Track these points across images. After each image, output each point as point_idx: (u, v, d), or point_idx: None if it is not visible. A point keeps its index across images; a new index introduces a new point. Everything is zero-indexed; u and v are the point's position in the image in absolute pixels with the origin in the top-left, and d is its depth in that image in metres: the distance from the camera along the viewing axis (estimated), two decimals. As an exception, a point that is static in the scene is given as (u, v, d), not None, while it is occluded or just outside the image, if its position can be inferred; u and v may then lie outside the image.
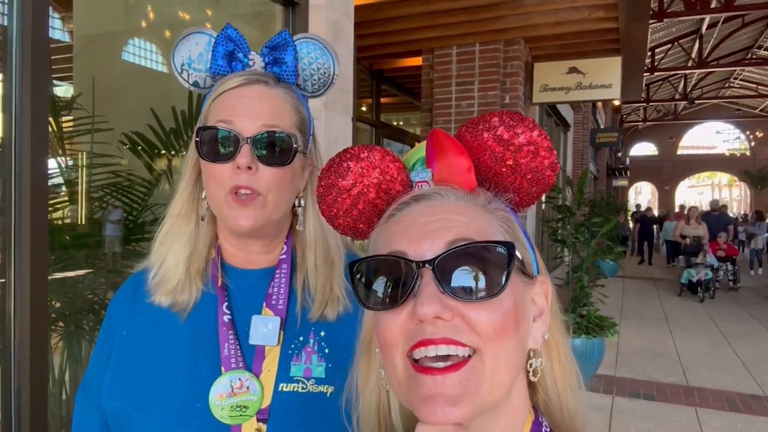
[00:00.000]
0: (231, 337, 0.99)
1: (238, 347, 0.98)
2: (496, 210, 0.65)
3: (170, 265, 1.03)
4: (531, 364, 0.66)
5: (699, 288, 11.44)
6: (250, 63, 1.03)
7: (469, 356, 0.57)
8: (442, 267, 0.57)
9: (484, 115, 0.68)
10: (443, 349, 0.57)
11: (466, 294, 0.58)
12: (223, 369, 0.97)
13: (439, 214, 0.61)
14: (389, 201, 0.69)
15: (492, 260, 0.58)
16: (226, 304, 1.01)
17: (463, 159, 0.66)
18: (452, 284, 0.57)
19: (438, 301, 0.56)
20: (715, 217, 14.10)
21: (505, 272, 0.59)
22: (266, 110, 0.98)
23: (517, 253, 0.61)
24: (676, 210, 26.26)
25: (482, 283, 0.58)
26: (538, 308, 0.67)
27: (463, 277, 0.58)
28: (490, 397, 0.58)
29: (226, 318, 1.00)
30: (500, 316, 0.58)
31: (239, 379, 0.96)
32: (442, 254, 0.57)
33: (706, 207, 22.63)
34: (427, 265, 0.58)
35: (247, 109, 0.97)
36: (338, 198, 0.71)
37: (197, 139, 0.98)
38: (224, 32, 1.02)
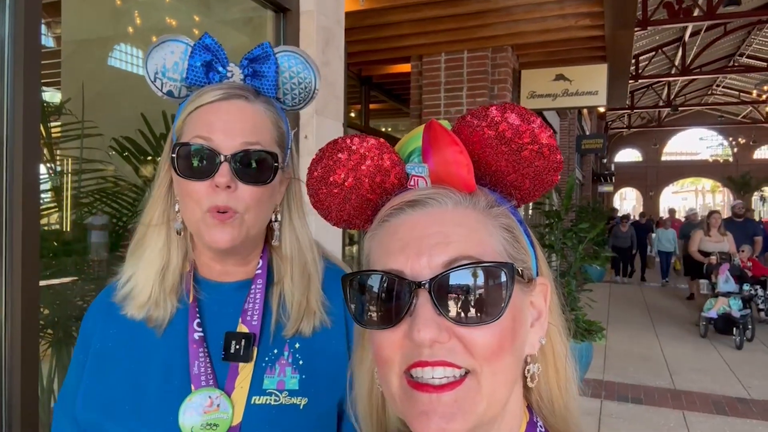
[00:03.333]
0: (201, 354, 0.97)
1: (209, 364, 0.97)
2: (498, 216, 0.62)
3: (140, 279, 1.01)
4: (528, 370, 0.64)
5: (736, 328, 7.89)
6: (229, 74, 1.00)
7: (465, 375, 0.56)
8: (439, 288, 0.55)
9: (483, 108, 0.63)
10: (439, 372, 0.56)
11: (464, 318, 0.56)
12: (192, 387, 0.95)
13: (436, 226, 0.58)
14: (383, 194, 0.66)
15: (491, 282, 0.56)
16: (197, 321, 1.00)
17: (462, 158, 0.61)
18: (449, 307, 0.55)
19: (435, 325, 0.55)
20: (739, 224, 10.12)
21: (505, 295, 0.56)
22: (246, 127, 0.95)
23: (518, 268, 0.59)
24: (662, 214, 26.27)
25: (481, 307, 0.56)
26: (536, 311, 0.64)
27: (460, 299, 0.55)
28: (486, 414, 0.58)
29: (197, 335, 0.98)
30: (497, 336, 0.56)
31: (209, 397, 0.94)
32: (439, 275, 0.55)
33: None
34: (423, 286, 0.55)
35: (227, 125, 0.93)
36: (330, 193, 0.68)
37: (173, 155, 0.94)
38: (201, 41, 0.99)
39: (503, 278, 0.56)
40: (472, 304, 0.55)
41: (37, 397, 1.75)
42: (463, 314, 0.55)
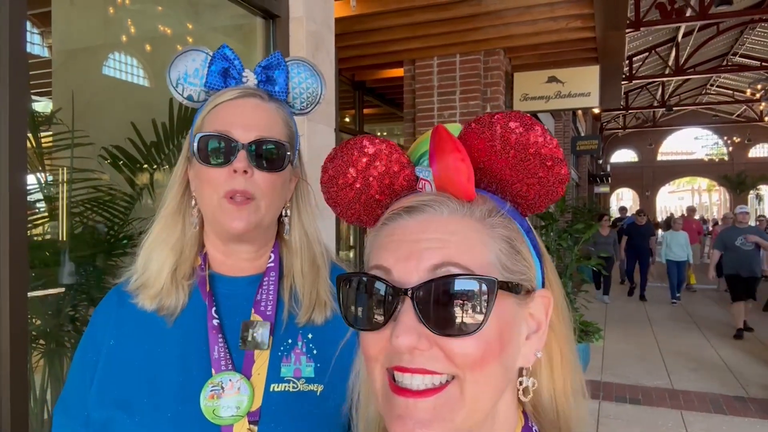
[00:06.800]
0: (220, 340, 1.02)
1: (227, 350, 1.02)
2: (496, 226, 0.61)
3: (154, 270, 1.06)
4: (521, 382, 0.64)
5: None
6: (244, 80, 1.09)
7: (447, 381, 0.57)
8: (422, 296, 0.56)
9: (489, 115, 0.64)
10: (418, 379, 0.56)
11: (444, 327, 0.56)
12: (213, 371, 1.00)
13: (429, 232, 0.59)
14: (392, 196, 0.68)
15: (472, 295, 0.56)
16: (214, 309, 1.05)
17: (462, 166, 0.61)
18: (430, 316, 0.56)
19: (414, 333, 0.55)
20: None
21: (486, 309, 0.56)
22: (261, 121, 1.04)
23: (509, 279, 0.59)
24: (659, 215, 26.04)
25: (461, 318, 0.56)
26: (534, 323, 0.64)
27: (441, 309, 0.56)
28: (465, 423, 0.57)
29: (215, 322, 1.04)
30: (480, 347, 0.56)
31: (230, 380, 0.99)
32: (422, 284, 0.56)
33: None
34: (407, 293, 0.56)
35: (244, 118, 1.03)
36: (341, 191, 0.70)
37: (196, 145, 1.03)
38: (220, 51, 1.09)
39: (485, 292, 0.56)
40: (453, 315, 0.56)
41: (27, 410, 1.74)
42: (443, 324, 0.56)
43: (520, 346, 0.62)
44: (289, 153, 1.06)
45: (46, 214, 2.84)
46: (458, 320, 0.56)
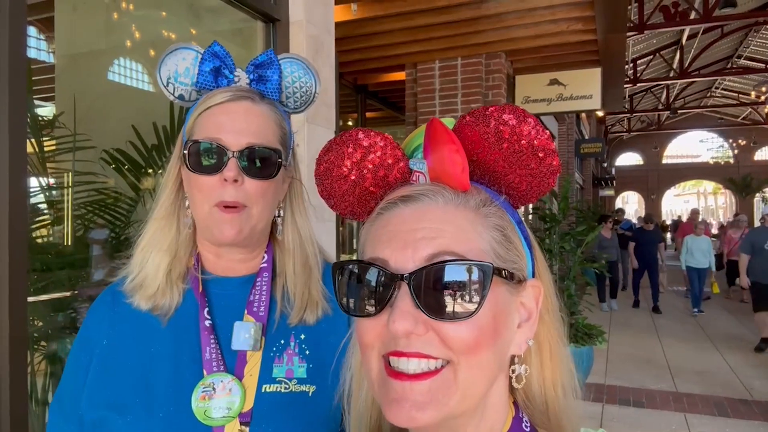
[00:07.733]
0: (212, 341, 1.02)
1: (219, 351, 1.02)
2: (489, 215, 0.63)
3: (150, 271, 1.06)
4: (514, 371, 0.65)
5: None
6: (236, 79, 1.08)
7: (442, 366, 0.58)
8: (419, 282, 0.57)
9: (483, 108, 0.65)
10: (414, 363, 0.58)
11: (440, 312, 0.57)
12: (205, 372, 1.00)
13: (424, 222, 0.60)
14: (386, 188, 0.68)
15: (468, 280, 0.58)
16: (207, 309, 1.05)
17: (457, 157, 0.63)
18: (426, 301, 0.57)
19: (411, 318, 0.57)
20: None
21: (482, 294, 0.58)
22: (252, 126, 1.02)
23: (502, 267, 0.60)
24: (665, 218, 25.83)
25: (457, 303, 0.57)
26: (526, 312, 0.65)
27: (438, 294, 0.57)
28: (459, 407, 0.59)
29: (207, 323, 1.03)
30: (475, 332, 0.58)
31: (221, 381, 0.99)
32: (418, 270, 0.57)
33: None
34: (404, 279, 0.58)
35: (235, 124, 1.01)
36: (335, 183, 0.71)
37: (185, 152, 1.02)
38: (210, 49, 1.07)
39: (480, 277, 0.58)
40: (448, 299, 0.57)
41: (27, 412, 1.74)
42: (439, 309, 0.57)
43: (512, 334, 0.63)
44: (281, 160, 1.04)
45: (48, 216, 2.87)
46: (454, 305, 0.57)
